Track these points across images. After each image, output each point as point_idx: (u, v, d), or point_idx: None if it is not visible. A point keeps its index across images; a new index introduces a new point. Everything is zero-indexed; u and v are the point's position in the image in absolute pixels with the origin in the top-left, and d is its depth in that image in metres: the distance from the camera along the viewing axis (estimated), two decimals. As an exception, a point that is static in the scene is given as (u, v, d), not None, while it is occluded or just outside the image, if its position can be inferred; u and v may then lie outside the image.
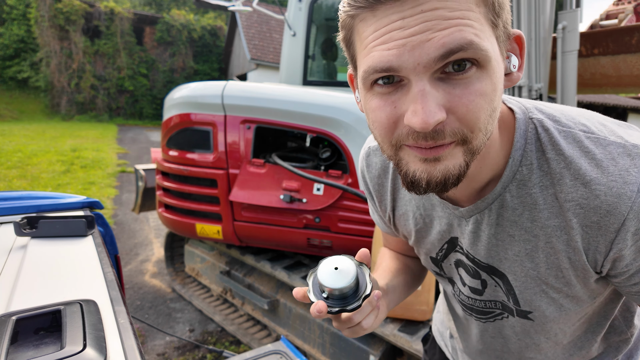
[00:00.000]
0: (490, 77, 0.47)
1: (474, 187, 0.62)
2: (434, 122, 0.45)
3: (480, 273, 0.70)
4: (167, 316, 3.37)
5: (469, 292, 0.75)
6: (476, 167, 0.57)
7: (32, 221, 1.05)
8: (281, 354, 1.40)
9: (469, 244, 0.68)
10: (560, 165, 0.55)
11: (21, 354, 0.55)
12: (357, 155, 2.50)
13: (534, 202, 0.58)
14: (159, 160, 3.12)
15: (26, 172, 7.89)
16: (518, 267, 0.64)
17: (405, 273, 0.90)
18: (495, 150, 0.58)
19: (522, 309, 0.68)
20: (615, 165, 0.52)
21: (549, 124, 0.57)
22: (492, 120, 0.50)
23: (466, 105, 0.46)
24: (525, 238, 0.61)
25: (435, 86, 0.46)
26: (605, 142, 0.54)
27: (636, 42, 2.76)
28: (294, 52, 3.40)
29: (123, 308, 0.70)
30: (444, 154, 0.49)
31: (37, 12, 18.62)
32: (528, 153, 0.58)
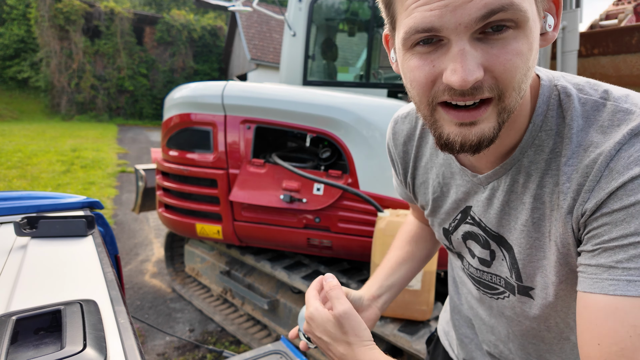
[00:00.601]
0: (527, 37, 0.48)
1: (500, 152, 0.62)
2: (473, 81, 0.46)
3: (490, 243, 0.71)
4: (167, 316, 3.37)
5: (477, 264, 0.76)
6: (505, 130, 0.57)
7: (32, 221, 1.05)
8: (281, 354, 1.40)
9: (482, 212, 0.69)
10: (572, 132, 0.55)
11: (21, 354, 0.55)
12: (358, 155, 2.50)
13: (546, 168, 0.59)
14: (159, 160, 3.12)
15: (26, 172, 7.89)
16: (524, 238, 0.64)
17: (408, 262, 0.96)
18: (523, 115, 0.59)
19: (524, 285, 0.68)
20: (618, 130, 0.52)
21: (573, 91, 0.57)
22: (527, 80, 0.50)
23: (503, 64, 0.47)
24: (534, 205, 0.61)
25: (474, 46, 0.47)
26: (617, 109, 0.53)
27: (636, 42, 2.75)
28: (294, 52, 3.40)
29: (123, 308, 0.70)
30: (481, 117, 0.50)
31: (37, 12, 18.62)
32: (549, 119, 0.58)
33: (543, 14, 0.53)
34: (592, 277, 0.52)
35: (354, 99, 2.56)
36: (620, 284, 0.49)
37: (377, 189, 2.48)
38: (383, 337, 2.10)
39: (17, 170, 7.98)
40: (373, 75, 3.45)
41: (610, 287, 0.50)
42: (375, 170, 2.49)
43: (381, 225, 2.13)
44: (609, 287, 0.50)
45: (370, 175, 2.49)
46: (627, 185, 0.49)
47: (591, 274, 0.53)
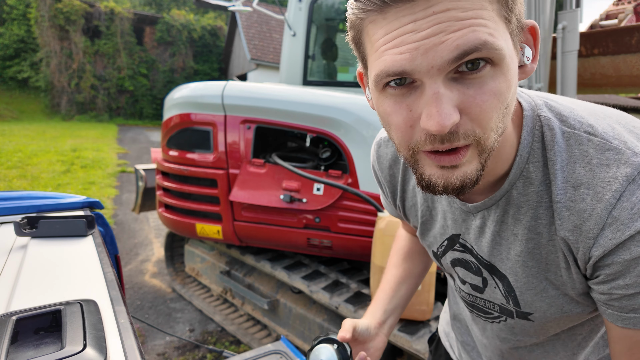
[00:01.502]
0: (505, 75, 0.46)
1: (488, 181, 0.61)
2: (450, 124, 0.44)
3: (482, 270, 0.70)
4: (167, 316, 3.37)
5: (469, 289, 0.76)
6: (491, 164, 0.56)
7: (32, 221, 1.05)
8: (281, 354, 1.40)
9: (475, 240, 0.68)
10: (555, 167, 0.55)
11: (21, 354, 0.55)
12: (357, 155, 2.50)
13: (539, 200, 0.58)
14: (159, 160, 3.12)
15: (26, 172, 7.89)
16: (520, 268, 0.64)
17: (407, 281, 0.97)
18: (509, 146, 0.58)
19: (523, 311, 0.68)
20: (608, 171, 0.51)
21: (555, 124, 0.57)
22: (505, 118, 0.49)
23: (479, 106, 0.46)
24: (529, 237, 0.61)
25: (449, 87, 0.45)
26: (606, 147, 0.52)
27: (636, 42, 2.75)
28: (294, 52, 3.40)
29: (123, 308, 0.70)
30: (462, 161, 0.49)
31: (37, 12, 18.62)
32: (535, 151, 0.57)
33: (520, 46, 0.51)
34: (620, 315, 0.55)
35: (354, 99, 2.56)
36: None
37: (377, 189, 2.48)
38: (383, 337, 2.10)
39: (17, 170, 7.98)
40: (373, 75, 3.44)
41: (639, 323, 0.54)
42: (375, 170, 2.48)
43: (381, 225, 2.13)
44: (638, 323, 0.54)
45: (370, 175, 2.49)
46: (635, 237, 0.49)
47: (618, 311, 0.55)
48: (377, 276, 2.13)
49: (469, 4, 0.43)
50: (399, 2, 0.43)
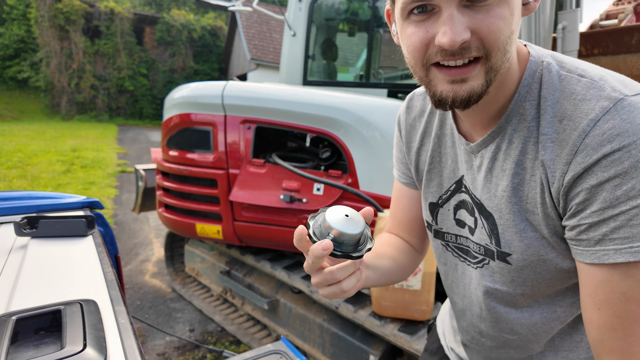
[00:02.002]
0: (508, 4, 0.55)
1: (490, 116, 0.68)
2: (460, 41, 0.53)
3: (475, 210, 0.75)
4: (167, 316, 3.37)
5: (467, 233, 0.79)
6: (494, 92, 0.63)
7: (32, 221, 1.05)
8: (281, 354, 1.40)
9: (471, 180, 0.75)
10: (547, 104, 0.61)
11: (21, 354, 0.55)
12: (357, 156, 2.50)
13: (528, 135, 0.64)
14: (159, 160, 3.13)
15: (26, 172, 7.89)
16: (504, 204, 0.68)
17: (390, 259, 0.89)
18: (511, 82, 0.64)
19: (502, 251, 0.71)
20: (588, 104, 0.57)
21: (554, 67, 0.63)
22: (510, 42, 0.57)
23: (487, 27, 0.54)
24: (515, 171, 0.66)
25: (461, 12, 0.54)
26: (592, 86, 0.58)
27: (636, 42, 2.76)
28: (294, 52, 3.40)
29: (123, 308, 0.70)
30: (471, 74, 0.57)
31: (37, 12, 18.63)
32: (533, 90, 0.64)
33: None
34: (587, 250, 0.59)
35: (354, 99, 2.57)
36: (609, 254, 0.56)
37: (377, 189, 2.48)
38: (383, 337, 2.10)
39: (17, 170, 7.98)
40: (373, 75, 3.45)
41: (603, 257, 0.57)
42: (375, 170, 2.49)
43: (381, 225, 2.13)
44: (603, 257, 0.57)
45: (370, 175, 2.49)
46: (601, 162, 0.54)
47: (585, 246, 0.59)
48: (377, 276, 2.13)
49: None
50: None
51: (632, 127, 0.53)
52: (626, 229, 0.54)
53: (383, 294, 2.12)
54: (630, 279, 0.55)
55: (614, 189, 0.54)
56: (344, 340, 2.36)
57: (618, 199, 0.54)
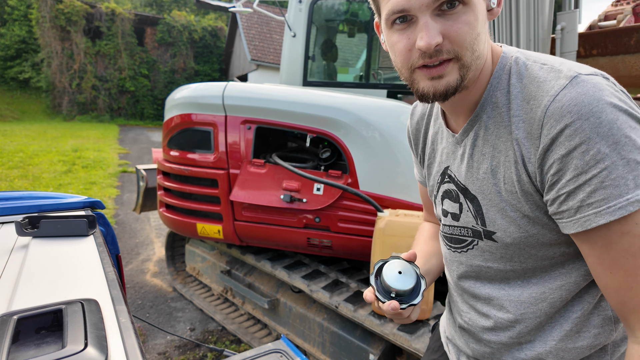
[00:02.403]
0: (473, 11, 0.64)
1: (469, 108, 0.77)
2: (435, 43, 0.63)
3: (459, 196, 0.83)
4: (168, 315, 3.38)
5: (450, 220, 0.87)
6: (470, 88, 0.73)
7: (34, 221, 1.05)
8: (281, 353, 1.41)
9: (457, 168, 0.83)
10: (516, 89, 0.70)
11: (22, 353, 0.56)
12: (357, 156, 2.51)
13: (501, 121, 0.72)
14: (160, 160, 3.13)
15: (28, 172, 7.90)
16: (486, 185, 0.76)
17: (436, 255, 1.03)
18: (485, 76, 0.74)
19: (488, 229, 0.78)
20: (548, 84, 0.65)
21: (522, 59, 0.72)
22: (477, 43, 0.66)
23: (456, 32, 0.64)
24: (492, 154, 0.74)
25: (434, 19, 0.64)
26: (552, 70, 0.67)
27: (635, 43, 2.75)
28: (294, 53, 3.41)
29: (124, 307, 0.71)
30: (445, 72, 0.67)
31: (38, 12, 18.64)
32: (502, 81, 0.73)
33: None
34: (571, 220, 0.64)
35: (353, 100, 2.57)
36: (591, 218, 0.61)
37: (377, 189, 2.49)
38: (383, 336, 2.10)
39: (18, 170, 8.00)
40: (373, 75, 3.45)
41: (585, 222, 0.62)
42: (375, 170, 2.49)
43: (381, 225, 2.14)
44: (585, 223, 0.62)
45: (370, 175, 2.50)
46: (565, 132, 0.61)
47: (569, 217, 0.64)
48: (377, 276, 2.13)
49: None
50: None
51: (587, 98, 0.59)
52: (600, 191, 0.59)
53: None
54: (627, 235, 0.59)
55: (582, 155, 0.59)
56: (344, 339, 2.36)
57: (587, 164, 0.59)
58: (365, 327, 2.20)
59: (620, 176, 0.58)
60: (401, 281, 0.76)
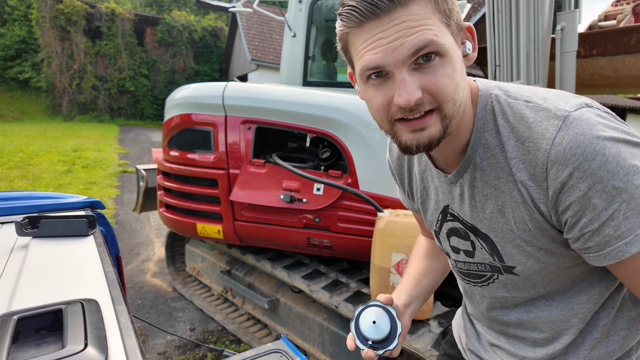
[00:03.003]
0: (451, 62, 0.63)
1: (457, 151, 0.76)
2: (414, 99, 0.62)
3: (469, 234, 0.82)
4: (168, 315, 3.38)
5: (463, 257, 0.87)
6: (455, 132, 0.72)
7: (34, 221, 1.05)
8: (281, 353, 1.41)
9: (458, 207, 0.82)
10: (507, 130, 0.70)
11: (22, 353, 0.56)
12: (357, 156, 2.51)
13: (497, 162, 0.72)
14: (160, 160, 3.13)
15: (28, 172, 7.90)
16: (495, 224, 0.76)
17: (429, 275, 1.06)
18: (468, 118, 0.73)
19: (507, 265, 0.78)
20: (541, 125, 0.65)
21: (502, 97, 0.72)
22: (458, 93, 0.65)
23: (435, 85, 0.63)
24: (495, 195, 0.74)
25: (411, 74, 0.62)
26: (538, 109, 0.67)
27: (635, 43, 2.75)
28: (294, 53, 3.41)
29: (124, 307, 0.71)
30: (428, 124, 0.65)
31: (38, 12, 18.64)
32: (488, 121, 0.72)
33: (462, 42, 0.69)
34: (602, 254, 0.65)
35: (353, 100, 2.57)
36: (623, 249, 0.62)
37: (377, 188, 2.49)
38: (383, 336, 2.10)
39: (18, 171, 8.00)
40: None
41: (618, 254, 0.63)
42: (374, 170, 2.49)
43: (381, 225, 2.14)
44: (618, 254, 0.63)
45: (370, 175, 2.50)
46: (574, 175, 0.62)
47: (597, 252, 0.65)
48: (377, 276, 2.13)
49: (418, 16, 0.60)
50: (371, 20, 0.61)
51: (586, 138, 0.61)
52: (625, 223, 0.61)
53: (383, 293, 2.12)
54: None
55: (599, 194, 0.61)
56: (344, 339, 2.36)
57: (606, 201, 0.61)
58: (365, 327, 2.20)
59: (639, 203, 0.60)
60: (375, 330, 0.81)
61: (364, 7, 0.61)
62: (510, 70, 2.99)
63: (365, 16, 0.61)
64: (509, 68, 3.00)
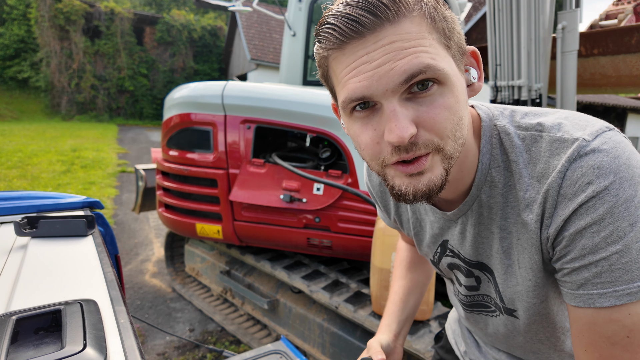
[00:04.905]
0: (452, 91, 0.53)
1: (460, 190, 0.68)
2: (408, 136, 0.51)
3: (472, 271, 0.76)
4: (167, 316, 3.37)
5: (466, 291, 0.81)
6: (457, 172, 0.63)
7: (32, 221, 1.05)
8: (281, 354, 1.40)
9: (458, 244, 0.75)
10: (520, 167, 0.61)
11: (21, 354, 0.55)
12: (357, 155, 2.51)
13: (505, 201, 0.64)
14: (159, 160, 3.13)
15: (26, 172, 7.89)
16: (499, 264, 0.69)
17: (415, 291, 1.04)
18: (472, 155, 0.64)
19: (507, 307, 0.73)
20: (557, 158, 0.57)
21: (511, 129, 0.63)
22: (460, 128, 0.56)
23: (433, 118, 0.52)
24: (502, 235, 0.67)
25: (404, 105, 0.52)
26: (553, 139, 0.58)
27: (636, 42, 2.75)
28: (294, 52, 3.40)
29: (123, 308, 0.70)
30: (426, 167, 0.55)
31: (37, 12, 18.63)
32: (495, 157, 0.64)
33: (466, 68, 0.59)
34: (571, 292, 0.59)
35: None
36: (594, 297, 0.55)
37: (377, 188, 2.48)
38: (383, 337, 2.10)
39: (17, 170, 7.99)
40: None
41: (588, 300, 0.56)
42: (375, 170, 2.49)
43: (381, 225, 2.13)
44: (587, 300, 0.56)
45: (370, 175, 2.49)
46: (578, 211, 0.54)
47: (569, 289, 0.59)
48: (377, 276, 2.13)
49: (411, 35, 0.50)
50: (353, 40, 0.51)
51: (601, 173, 0.52)
52: (608, 274, 0.54)
53: (383, 293, 2.12)
54: (615, 323, 0.54)
55: (593, 236, 0.54)
56: (344, 340, 2.36)
57: (597, 246, 0.54)
58: (365, 328, 2.20)
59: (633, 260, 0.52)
60: None
61: (345, 24, 0.50)
62: (511, 70, 2.99)
63: (346, 36, 0.51)
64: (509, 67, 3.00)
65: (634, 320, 0.53)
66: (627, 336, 0.54)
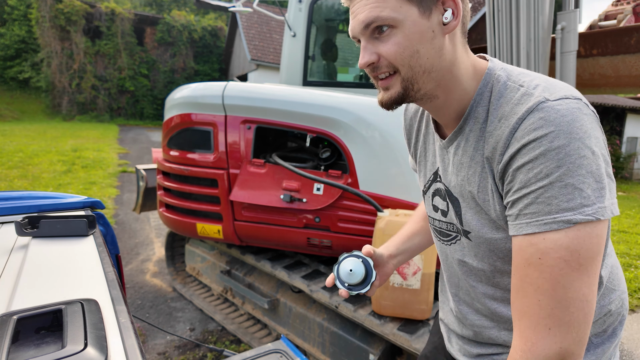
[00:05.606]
0: (404, 32, 0.71)
1: (452, 117, 0.83)
2: (365, 62, 0.75)
3: (446, 196, 0.90)
4: (167, 315, 3.38)
5: (440, 216, 0.94)
6: (444, 98, 0.79)
7: (34, 221, 1.05)
8: (281, 353, 1.41)
9: (443, 170, 0.90)
10: (493, 107, 0.75)
11: (22, 353, 0.56)
12: (357, 155, 2.51)
13: (480, 135, 0.77)
14: (160, 160, 3.13)
15: (27, 172, 7.90)
16: (464, 191, 0.83)
17: (421, 234, 1.16)
18: (461, 89, 0.79)
19: (464, 229, 0.86)
20: (520, 107, 0.70)
21: (503, 78, 0.77)
22: (417, 59, 0.73)
23: (386, 51, 0.73)
24: (469, 164, 0.80)
25: (370, 42, 0.74)
26: (526, 93, 0.71)
27: (635, 43, 2.75)
28: (294, 53, 3.41)
29: (124, 307, 0.71)
30: (390, 84, 0.77)
31: (38, 12, 18.64)
32: (484, 97, 0.78)
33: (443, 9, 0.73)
34: (512, 224, 0.71)
35: (353, 99, 2.57)
36: (523, 226, 0.68)
37: (377, 188, 2.48)
38: (382, 336, 2.10)
39: (18, 170, 7.99)
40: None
41: (520, 229, 0.69)
42: (375, 170, 2.49)
43: (381, 225, 2.14)
44: (519, 229, 0.69)
45: (370, 175, 2.50)
46: (521, 150, 0.67)
47: (511, 222, 0.72)
48: (377, 276, 2.13)
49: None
50: None
51: (546, 123, 0.65)
52: (534, 206, 0.66)
53: (383, 293, 2.12)
54: (532, 247, 0.67)
55: (527, 172, 0.66)
56: (344, 340, 2.36)
57: (529, 180, 0.66)
58: (365, 327, 2.20)
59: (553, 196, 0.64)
60: (350, 277, 0.96)
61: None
62: (511, 70, 2.97)
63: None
64: (509, 68, 2.98)
65: (547, 244, 0.65)
66: (539, 257, 0.66)
